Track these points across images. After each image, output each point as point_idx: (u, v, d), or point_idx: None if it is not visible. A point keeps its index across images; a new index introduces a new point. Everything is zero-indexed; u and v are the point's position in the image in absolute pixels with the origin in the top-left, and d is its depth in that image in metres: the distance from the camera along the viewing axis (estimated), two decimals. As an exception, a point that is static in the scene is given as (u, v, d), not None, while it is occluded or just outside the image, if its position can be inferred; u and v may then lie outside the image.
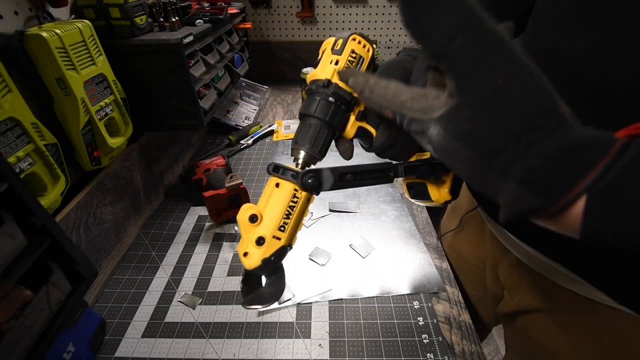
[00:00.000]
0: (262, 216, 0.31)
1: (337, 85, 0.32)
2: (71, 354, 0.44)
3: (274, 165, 0.32)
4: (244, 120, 1.17)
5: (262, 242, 0.30)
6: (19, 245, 0.29)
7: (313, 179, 0.32)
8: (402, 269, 0.62)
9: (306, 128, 0.33)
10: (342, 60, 0.32)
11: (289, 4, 1.40)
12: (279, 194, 0.31)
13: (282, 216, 0.31)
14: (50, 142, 0.49)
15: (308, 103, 0.33)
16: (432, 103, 0.20)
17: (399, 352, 0.49)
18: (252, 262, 0.31)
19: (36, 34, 0.46)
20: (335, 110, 0.32)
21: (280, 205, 0.31)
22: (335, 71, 0.32)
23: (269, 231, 0.31)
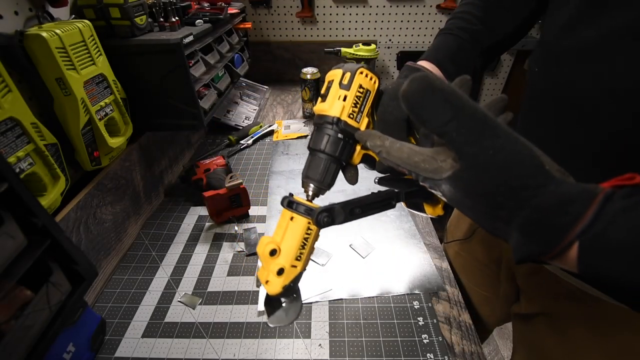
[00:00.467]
0: (281, 249, 0.34)
1: (346, 122, 0.34)
2: (71, 354, 0.44)
3: (288, 201, 0.35)
4: (244, 120, 1.17)
5: (282, 272, 0.34)
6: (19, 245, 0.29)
7: (327, 217, 0.35)
8: (402, 269, 0.62)
9: (316, 163, 0.35)
10: (350, 95, 0.34)
11: (289, 4, 1.40)
12: (294, 228, 0.35)
13: (298, 248, 0.35)
14: (50, 142, 0.49)
15: (317, 138, 0.35)
16: (441, 165, 0.24)
17: (399, 352, 0.49)
18: (274, 289, 0.34)
19: (36, 34, 0.46)
20: (344, 146, 0.35)
21: (296, 238, 0.34)
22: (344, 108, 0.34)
23: (288, 262, 0.34)
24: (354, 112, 0.34)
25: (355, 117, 0.34)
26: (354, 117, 0.34)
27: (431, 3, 1.41)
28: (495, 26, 0.45)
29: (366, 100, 0.35)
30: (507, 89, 1.69)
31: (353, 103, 0.34)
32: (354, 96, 0.34)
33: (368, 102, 0.35)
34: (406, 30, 1.48)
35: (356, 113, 0.34)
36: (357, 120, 0.34)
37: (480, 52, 0.46)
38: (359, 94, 0.34)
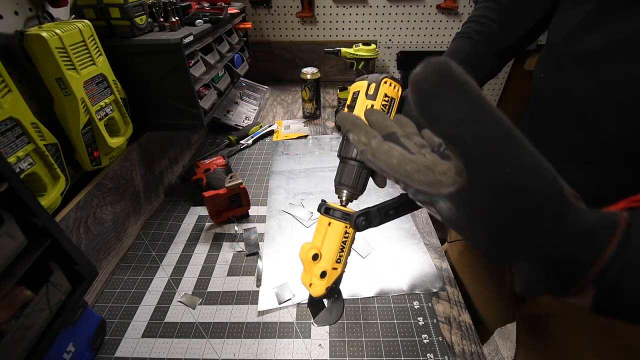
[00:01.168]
0: (322, 254, 0.36)
1: None
2: (71, 354, 0.44)
3: (325, 207, 0.37)
4: (244, 120, 1.17)
5: (324, 275, 0.36)
6: (19, 245, 0.29)
7: (364, 220, 0.35)
8: (402, 269, 0.62)
9: (348, 170, 0.37)
10: (377, 105, 0.35)
11: (289, 4, 1.40)
12: (333, 233, 0.36)
13: (337, 251, 0.37)
14: (50, 142, 0.49)
15: (348, 147, 0.37)
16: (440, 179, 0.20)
17: (399, 352, 0.49)
18: (318, 291, 0.37)
19: (36, 34, 0.46)
20: None
21: (335, 243, 0.36)
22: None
23: (329, 265, 0.36)
24: None
25: None
26: None
27: (431, 3, 1.41)
28: (510, 28, 0.46)
29: (392, 108, 0.36)
30: (507, 89, 1.69)
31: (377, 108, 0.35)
32: (380, 105, 0.35)
33: (393, 110, 0.37)
34: (406, 30, 1.48)
35: None
36: None
37: (495, 53, 0.47)
38: (385, 102, 0.36)
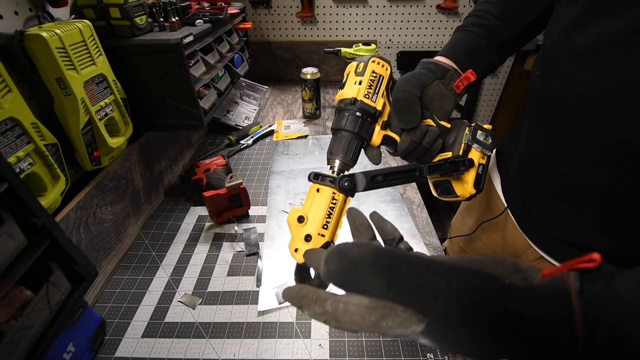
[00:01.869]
0: (308, 217, 0.36)
1: (362, 101, 0.37)
2: (71, 354, 0.44)
3: (314, 174, 0.37)
4: (244, 120, 1.17)
5: (309, 239, 0.36)
6: (19, 245, 0.29)
7: (348, 182, 0.36)
8: (402, 269, 0.62)
9: (339, 140, 0.38)
10: (365, 79, 0.38)
11: (289, 4, 1.40)
12: (320, 198, 0.36)
13: (324, 216, 0.36)
14: (50, 142, 0.49)
15: (338, 119, 0.38)
16: (405, 317, 0.21)
17: (399, 352, 0.49)
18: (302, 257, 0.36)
19: (36, 34, 0.46)
20: (362, 123, 0.38)
21: (322, 207, 0.36)
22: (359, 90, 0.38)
23: (315, 229, 0.36)
24: (369, 93, 0.38)
25: (370, 97, 0.38)
26: (369, 97, 0.38)
27: (431, 3, 1.41)
28: (511, 22, 0.47)
29: (380, 84, 0.38)
30: (507, 89, 1.69)
31: (368, 85, 0.38)
32: (368, 79, 0.38)
33: (382, 85, 0.39)
34: (406, 30, 1.48)
35: (371, 94, 0.38)
36: (373, 100, 0.38)
37: (495, 45, 0.47)
38: (373, 78, 0.38)
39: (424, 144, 0.41)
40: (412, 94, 0.40)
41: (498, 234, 0.59)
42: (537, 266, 0.22)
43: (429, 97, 0.42)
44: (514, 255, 0.55)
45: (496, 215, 0.58)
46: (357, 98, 0.37)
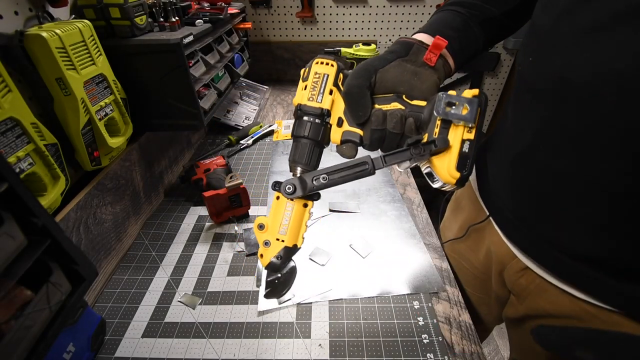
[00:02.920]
0: (267, 224, 0.38)
1: (305, 105, 0.38)
2: (71, 354, 0.44)
3: (274, 182, 0.38)
4: (244, 120, 1.17)
5: (268, 244, 0.38)
6: (19, 245, 0.29)
7: (290, 186, 0.37)
8: (402, 269, 0.62)
9: (301, 147, 0.39)
10: (309, 83, 0.39)
11: (289, 4, 1.40)
12: (278, 205, 0.38)
13: (280, 222, 0.38)
14: (50, 142, 0.49)
15: (294, 127, 0.40)
16: None
17: (399, 352, 0.49)
18: (264, 261, 0.39)
19: (36, 34, 0.46)
20: (311, 126, 0.38)
21: (279, 214, 0.38)
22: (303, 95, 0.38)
23: (273, 235, 0.38)
24: (313, 95, 0.38)
25: (315, 99, 0.38)
26: (314, 98, 0.38)
27: (431, 3, 1.41)
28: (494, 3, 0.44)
29: (325, 82, 0.38)
30: (507, 89, 1.69)
31: (311, 88, 0.38)
32: (312, 82, 0.38)
33: (328, 83, 0.38)
34: (406, 30, 1.48)
35: (316, 95, 0.38)
36: (318, 100, 0.38)
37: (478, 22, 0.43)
38: (316, 79, 0.38)
39: (390, 130, 0.36)
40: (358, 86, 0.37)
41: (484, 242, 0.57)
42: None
43: (390, 79, 0.38)
44: (500, 266, 0.53)
45: (481, 220, 0.56)
46: (300, 103, 0.38)
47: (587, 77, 0.32)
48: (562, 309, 0.44)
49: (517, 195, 0.45)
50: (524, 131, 0.42)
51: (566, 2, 0.34)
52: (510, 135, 0.45)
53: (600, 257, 0.38)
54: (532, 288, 0.47)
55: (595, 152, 0.33)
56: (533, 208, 0.43)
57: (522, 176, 0.43)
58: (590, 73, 0.31)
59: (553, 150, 0.38)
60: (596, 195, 0.35)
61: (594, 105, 0.32)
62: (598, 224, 0.36)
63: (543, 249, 0.43)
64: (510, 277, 0.51)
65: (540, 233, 0.43)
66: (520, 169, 0.43)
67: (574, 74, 0.33)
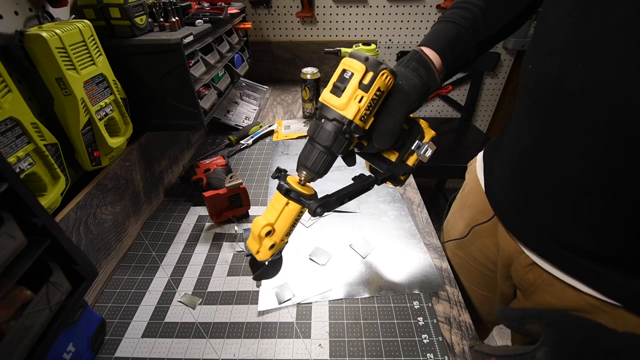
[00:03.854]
0: (275, 229, 0.38)
1: (357, 125, 0.34)
2: (71, 354, 0.44)
3: (285, 189, 0.37)
4: (244, 120, 1.17)
5: (273, 246, 0.39)
6: (19, 245, 0.29)
7: (321, 209, 0.37)
8: (402, 269, 0.62)
9: (314, 155, 0.35)
10: (367, 98, 0.33)
11: (289, 4, 1.40)
12: (289, 213, 0.38)
13: (289, 227, 0.39)
14: (50, 142, 0.49)
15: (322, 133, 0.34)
16: None
17: (399, 352, 0.49)
18: (264, 257, 0.39)
19: (36, 34, 0.46)
20: (342, 142, 0.35)
21: (289, 221, 0.38)
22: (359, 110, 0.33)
23: (279, 238, 0.39)
24: (365, 115, 0.34)
25: (365, 120, 0.34)
26: (364, 120, 0.34)
27: (431, 3, 1.41)
28: (492, 18, 0.46)
29: (379, 102, 0.35)
30: (507, 89, 1.69)
31: (367, 106, 0.33)
32: (371, 99, 0.33)
33: (380, 102, 0.35)
34: (406, 30, 1.48)
35: (367, 116, 0.34)
36: (365, 122, 0.34)
37: (476, 44, 0.46)
38: (375, 97, 0.33)
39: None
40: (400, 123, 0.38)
41: (490, 239, 0.58)
42: None
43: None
44: (507, 261, 0.53)
45: (487, 219, 0.57)
46: (353, 120, 0.33)
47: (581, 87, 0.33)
48: (568, 303, 0.44)
49: (520, 194, 0.47)
50: (526, 134, 0.44)
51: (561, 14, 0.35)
52: (513, 137, 0.47)
53: (604, 254, 0.38)
54: (539, 283, 0.48)
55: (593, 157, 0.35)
56: (535, 208, 0.44)
57: (524, 177, 0.45)
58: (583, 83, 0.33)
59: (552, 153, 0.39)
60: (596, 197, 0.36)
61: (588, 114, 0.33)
62: (599, 224, 0.37)
63: (548, 246, 0.44)
64: (518, 272, 0.51)
65: (544, 231, 0.44)
66: (523, 170, 0.45)
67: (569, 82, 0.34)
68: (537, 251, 0.46)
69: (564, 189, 0.39)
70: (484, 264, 0.61)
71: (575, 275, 0.42)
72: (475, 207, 0.61)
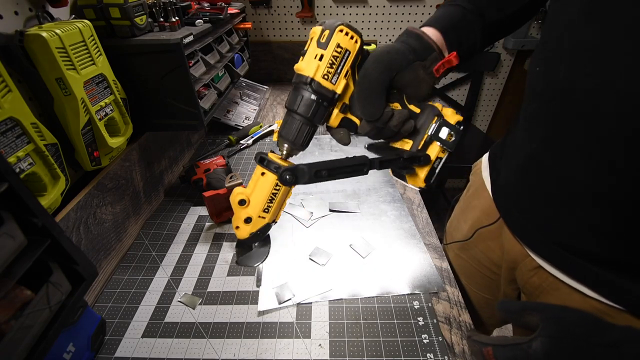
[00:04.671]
0: (250, 200, 0.36)
1: (319, 84, 0.33)
2: (71, 354, 0.44)
3: (260, 157, 0.36)
4: (244, 120, 1.17)
5: (249, 221, 0.37)
6: (19, 245, 0.29)
7: (290, 175, 0.35)
8: (402, 269, 0.62)
9: (290, 123, 0.35)
10: (327, 55, 0.33)
11: (289, 4, 1.40)
12: (264, 183, 0.36)
13: (266, 201, 0.37)
14: (50, 142, 0.49)
15: (292, 98, 0.35)
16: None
17: (399, 352, 0.49)
18: (242, 235, 0.38)
19: (36, 34, 0.46)
20: (317, 108, 0.34)
21: (264, 192, 0.36)
22: (318, 67, 0.33)
23: (255, 212, 0.37)
24: (329, 73, 0.33)
25: (330, 79, 0.33)
26: (329, 78, 0.33)
27: (431, 3, 1.41)
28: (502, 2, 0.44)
29: (344, 61, 0.34)
30: (507, 89, 1.69)
31: (329, 63, 0.33)
32: (331, 56, 0.33)
33: (347, 63, 0.34)
34: (406, 30, 1.48)
35: (332, 74, 0.33)
36: (333, 82, 0.34)
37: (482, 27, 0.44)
38: (336, 54, 0.33)
39: (391, 127, 0.37)
40: (379, 84, 0.36)
41: (495, 241, 0.58)
42: None
43: (403, 81, 0.38)
44: (512, 264, 0.53)
45: (492, 222, 0.56)
46: (314, 78, 0.33)
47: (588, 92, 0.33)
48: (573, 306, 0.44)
49: (525, 197, 0.46)
50: (533, 136, 0.43)
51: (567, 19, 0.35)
52: (520, 139, 0.46)
53: (610, 259, 0.38)
54: (544, 287, 0.47)
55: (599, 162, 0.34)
56: (541, 211, 0.44)
57: (531, 180, 0.44)
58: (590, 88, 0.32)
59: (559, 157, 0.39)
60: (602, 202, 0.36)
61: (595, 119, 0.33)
62: (605, 228, 0.37)
63: (553, 250, 0.44)
64: (523, 275, 0.51)
65: (550, 234, 0.43)
66: (529, 173, 0.44)
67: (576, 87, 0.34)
68: (543, 254, 0.46)
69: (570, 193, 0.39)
70: (488, 267, 0.61)
71: (581, 279, 0.42)
72: (479, 209, 0.60)
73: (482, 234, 0.60)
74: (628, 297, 0.38)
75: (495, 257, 0.59)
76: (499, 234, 0.56)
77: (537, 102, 0.41)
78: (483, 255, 0.61)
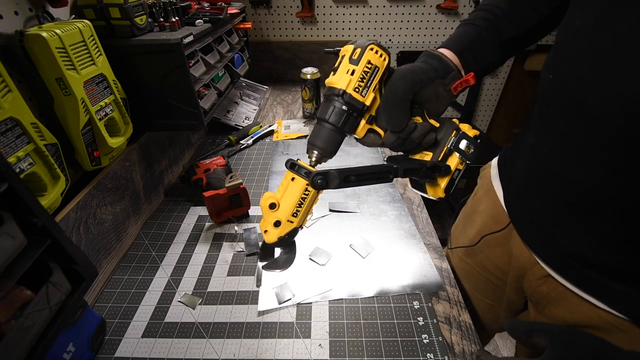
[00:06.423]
0: (280, 204, 0.38)
1: (351, 95, 0.36)
2: (71, 354, 0.44)
3: (291, 163, 0.38)
4: (244, 120, 1.17)
5: (278, 224, 0.38)
6: (19, 245, 0.29)
7: (321, 180, 0.37)
8: (402, 269, 0.62)
9: (320, 132, 0.38)
10: (358, 70, 0.36)
11: (289, 4, 1.40)
12: (294, 188, 0.38)
13: (295, 205, 0.38)
14: (50, 142, 0.49)
15: (324, 109, 0.38)
16: None
17: (399, 352, 0.49)
18: (271, 238, 0.39)
19: (36, 34, 0.46)
20: (347, 118, 0.37)
21: (294, 197, 0.38)
22: (350, 81, 0.36)
23: (285, 216, 0.38)
24: (359, 86, 0.36)
25: (360, 92, 0.36)
26: (359, 91, 0.36)
27: (431, 3, 1.41)
28: (518, 19, 0.45)
29: (374, 76, 0.37)
30: (507, 89, 1.69)
31: (360, 77, 0.36)
32: (362, 71, 0.36)
33: (376, 78, 0.37)
34: (406, 30, 1.48)
35: (362, 87, 0.36)
36: (363, 95, 0.37)
37: (499, 43, 0.46)
38: (367, 69, 0.36)
39: (413, 138, 0.40)
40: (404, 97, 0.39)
41: (502, 248, 0.57)
42: None
43: (425, 97, 0.41)
44: (520, 272, 0.52)
45: (500, 228, 0.56)
46: (346, 90, 0.36)
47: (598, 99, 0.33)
48: (582, 318, 0.43)
49: (535, 204, 0.46)
50: (543, 143, 0.43)
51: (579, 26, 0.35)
52: (531, 145, 0.47)
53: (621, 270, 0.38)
54: (553, 296, 0.47)
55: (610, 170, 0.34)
56: (550, 218, 0.44)
57: (541, 186, 0.44)
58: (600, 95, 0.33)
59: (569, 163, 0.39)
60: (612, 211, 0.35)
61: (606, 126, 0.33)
62: (616, 238, 0.36)
63: (564, 260, 0.43)
64: (531, 284, 0.50)
65: (558, 243, 0.43)
66: (539, 179, 0.44)
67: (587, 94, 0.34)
68: (552, 264, 0.45)
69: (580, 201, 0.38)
70: (493, 273, 0.60)
71: (591, 291, 0.41)
72: (487, 214, 0.60)
73: (489, 240, 0.59)
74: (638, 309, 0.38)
75: (501, 263, 0.58)
76: (507, 240, 0.55)
77: (549, 108, 0.42)
78: (489, 261, 0.60)
